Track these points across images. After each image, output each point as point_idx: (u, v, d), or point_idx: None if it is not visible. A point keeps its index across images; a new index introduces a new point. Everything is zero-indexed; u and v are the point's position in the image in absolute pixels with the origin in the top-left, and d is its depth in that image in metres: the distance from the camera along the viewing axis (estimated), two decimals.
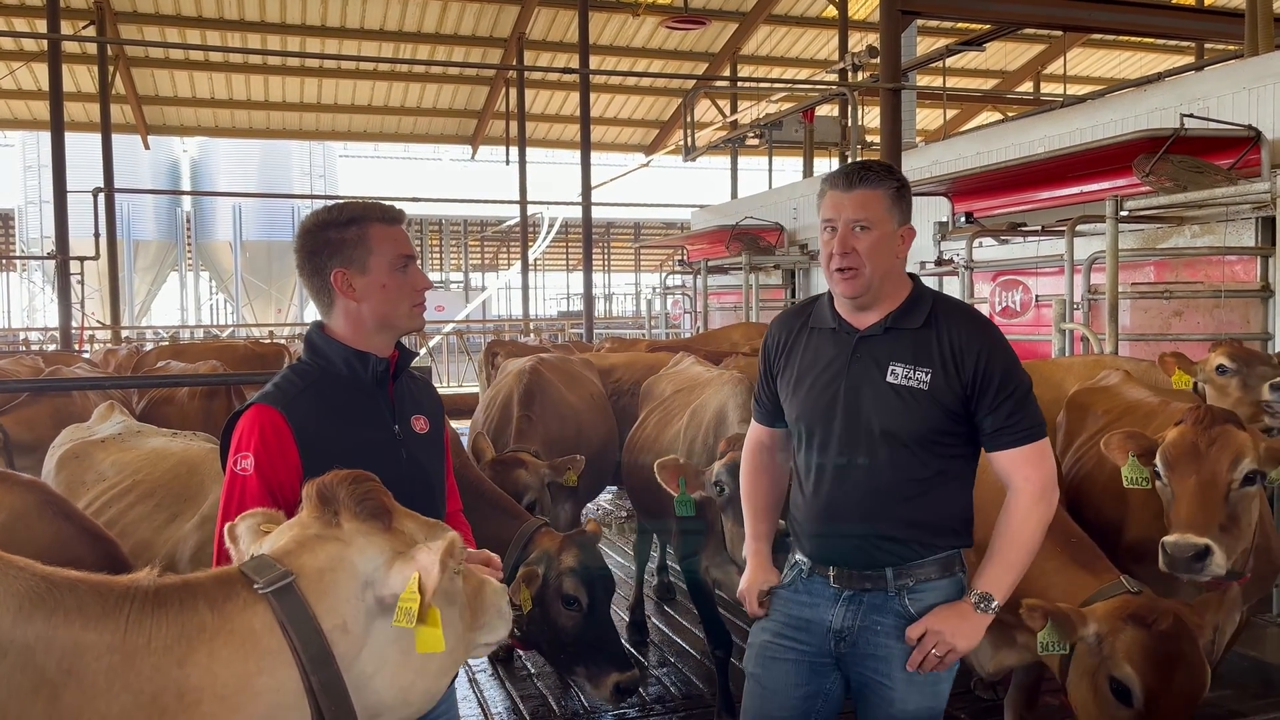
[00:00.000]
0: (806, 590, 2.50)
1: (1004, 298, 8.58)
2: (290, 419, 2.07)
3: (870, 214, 2.33)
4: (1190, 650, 2.54)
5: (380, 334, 2.19)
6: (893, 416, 2.34)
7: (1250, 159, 6.96)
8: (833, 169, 2.55)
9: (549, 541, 3.52)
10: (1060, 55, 19.85)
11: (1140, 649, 2.53)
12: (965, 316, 2.44)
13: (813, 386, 2.45)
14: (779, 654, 2.52)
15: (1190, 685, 2.53)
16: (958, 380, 2.33)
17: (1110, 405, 4.23)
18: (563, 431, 5.45)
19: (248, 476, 2.03)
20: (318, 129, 23.72)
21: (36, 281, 34.32)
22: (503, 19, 19.65)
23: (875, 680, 2.41)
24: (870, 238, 2.33)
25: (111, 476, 3.53)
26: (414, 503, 2.18)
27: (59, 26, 14.60)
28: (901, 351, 2.36)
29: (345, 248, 2.14)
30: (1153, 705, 2.51)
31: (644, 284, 37.66)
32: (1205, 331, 7.03)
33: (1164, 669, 2.51)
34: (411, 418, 2.25)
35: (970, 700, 4.63)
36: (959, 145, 11.07)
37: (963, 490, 2.45)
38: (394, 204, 2.25)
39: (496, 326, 26.91)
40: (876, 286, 2.37)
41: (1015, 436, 2.34)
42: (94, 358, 11.69)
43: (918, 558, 2.38)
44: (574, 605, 3.34)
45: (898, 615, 2.39)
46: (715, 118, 20.31)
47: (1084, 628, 2.60)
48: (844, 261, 2.34)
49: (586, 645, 3.33)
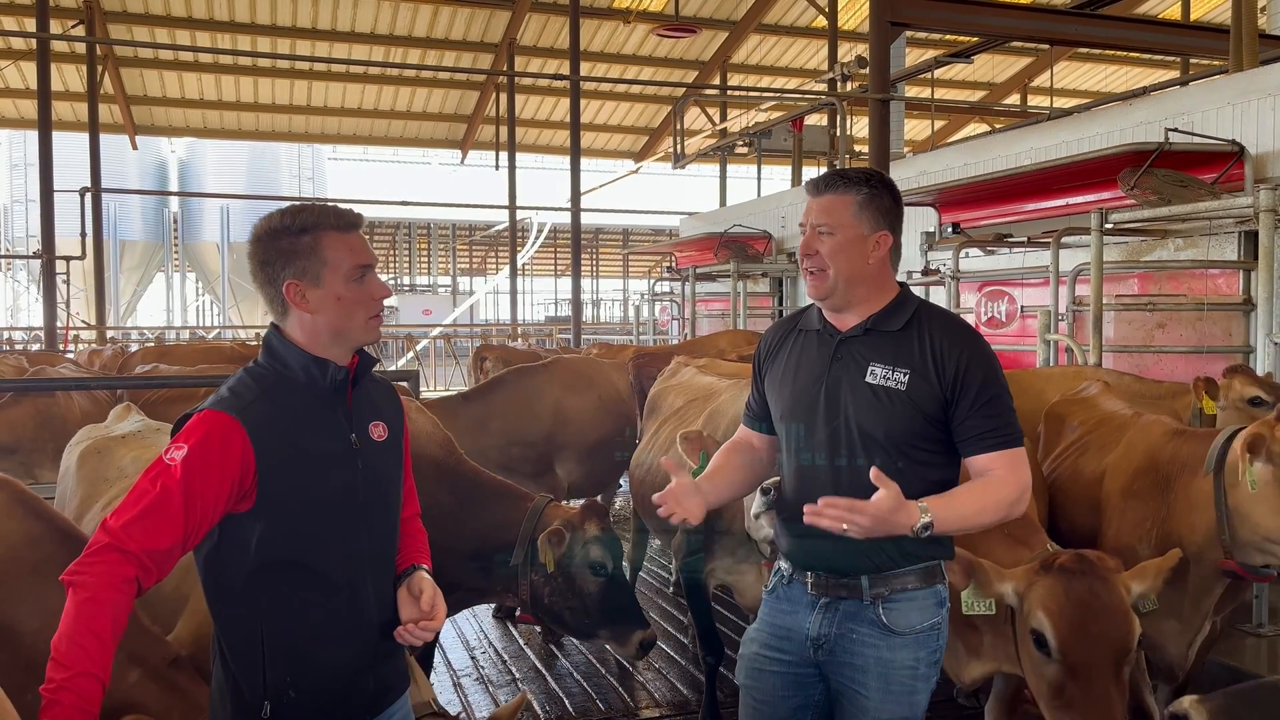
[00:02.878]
0: (787, 597, 2.51)
1: (990, 308, 8.64)
2: (246, 425, 2.00)
3: (834, 219, 2.38)
4: (1105, 593, 2.51)
5: (336, 345, 2.12)
6: (870, 416, 2.34)
7: (1234, 173, 7.03)
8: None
9: (564, 513, 3.64)
10: (1047, 68, 20.01)
11: (1050, 594, 2.54)
12: (948, 322, 2.45)
13: (795, 386, 2.48)
14: (766, 665, 2.52)
15: (1108, 629, 2.49)
16: (938, 384, 2.33)
17: (1085, 416, 4.26)
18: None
19: (173, 467, 1.94)
20: (307, 131, 23.68)
21: (22, 281, 34.13)
22: (494, 24, 19.67)
23: (851, 689, 2.41)
24: (833, 241, 2.37)
25: (132, 473, 3.47)
26: (369, 511, 2.16)
27: (48, 25, 14.55)
28: (881, 352, 2.38)
29: (298, 258, 2.05)
30: (1069, 651, 2.49)
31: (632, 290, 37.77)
32: (1188, 344, 7.09)
33: (1076, 612, 2.49)
34: (370, 425, 2.19)
35: (952, 708, 4.65)
36: (946, 156, 11.15)
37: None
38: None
39: (484, 331, 26.85)
40: (844, 289, 2.39)
41: (994, 441, 2.32)
42: (78, 358, 11.63)
43: (895, 566, 2.37)
44: (601, 571, 3.48)
45: (872, 625, 2.38)
46: (705, 125, 20.38)
47: (1001, 584, 2.63)
48: (807, 264, 2.42)
49: (612, 608, 3.50)
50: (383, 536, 2.22)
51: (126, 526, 1.91)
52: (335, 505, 2.10)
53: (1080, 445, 4.11)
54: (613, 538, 3.57)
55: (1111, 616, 2.50)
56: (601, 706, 4.82)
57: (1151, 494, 3.55)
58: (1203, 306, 6.91)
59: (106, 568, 1.89)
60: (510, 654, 5.55)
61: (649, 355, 8.85)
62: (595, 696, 4.94)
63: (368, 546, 2.15)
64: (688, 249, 15.26)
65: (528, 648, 5.62)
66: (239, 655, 2.07)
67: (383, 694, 2.22)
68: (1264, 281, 5.96)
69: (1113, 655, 2.48)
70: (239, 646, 2.07)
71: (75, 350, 15.38)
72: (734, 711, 2.75)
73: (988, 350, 2.41)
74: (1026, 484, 2.34)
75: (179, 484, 1.93)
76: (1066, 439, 4.23)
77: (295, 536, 2.06)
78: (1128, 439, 3.85)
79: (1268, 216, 5.82)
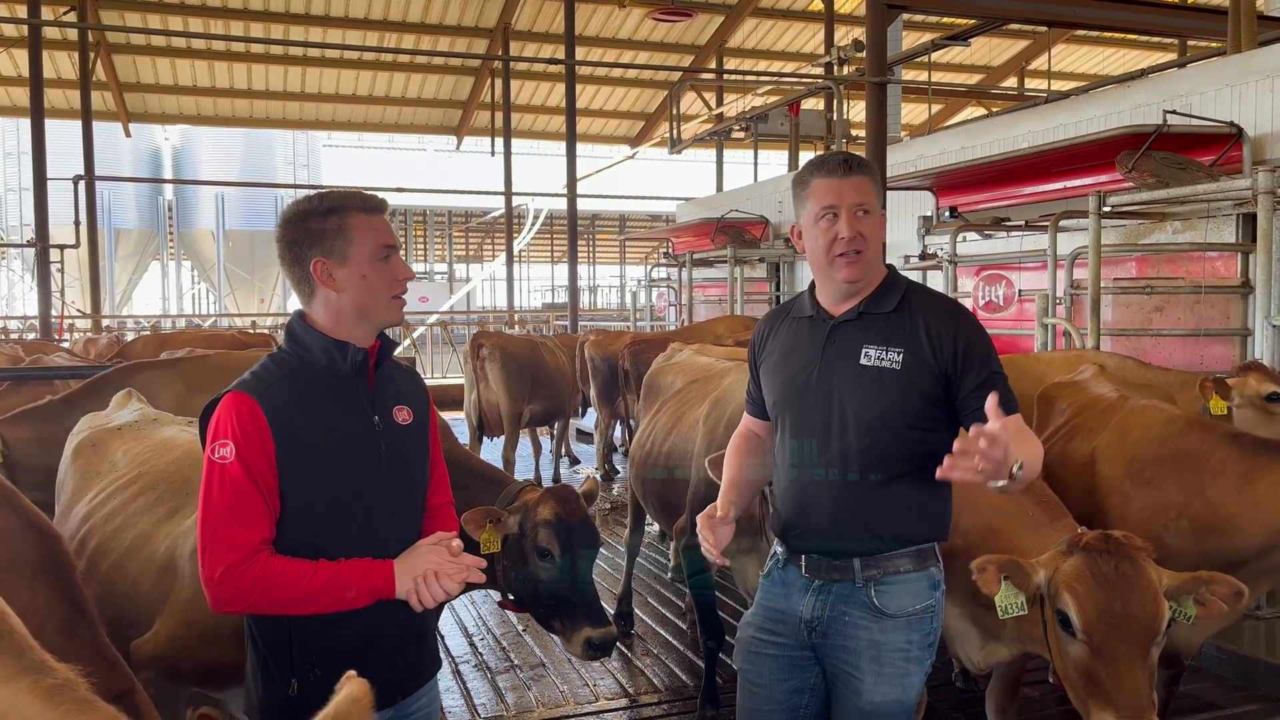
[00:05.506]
0: (781, 580, 2.53)
1: (987, 292, 8.63)
2: (266, 408, 2.04)
3: (868, 198, 2.40)
4: (1132, 572, 2.46)
5: (360, 324, 2.17)
6: (865, 398, 2.36)
7: (1232, 155, 7.01)
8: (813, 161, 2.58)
9: (530, 495, 3.51)
10: (1045, 51, 19.92)
11: (1076, 574, 2.49)
12: (938, 302, 2.49)
13: (789, 371, 2.50)
14: (762, 649, 2.54)
15: (1134, 608, 2.43)
16: (935, 363, 2.35)
17: (1073, 400, 4.27)
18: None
19: (228, 464, 2.00)
20: (301, 118, 23.55)
21: (16, 270, 33.99)
22: (489, 9, 19.55)
23: (844, 671, 2.43)
24: (872, 221, 2.41)
25: (122, 467, 3.47)
26: (393, 494, 2.19)
27: (40, 12, 14.44)
28: (875, 335, 2.40)
29: (326, 237, 2.11)
30: (1093, 630, 2.44)
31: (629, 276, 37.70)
32: (1186, 327, 7.09)
33: (1101, 591, 2.44)
34: (393, 408, 2.23)
35: (951, 692, 4.66)
36: (943, 140, 11.11)
37: (938, 481, 2.41)
38: (377, 194, 2.23)
39: (481, 318, 26.82)
40: (874, 268, 2.44)
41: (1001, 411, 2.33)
42: (73, 347, 11.59)
43: (887, 549, 2.39)
44: (548, 557, 3.30)
45: (864, 607, 2.40)
46: (701, 110, 20.29)
47: (1035, 575, 2.56)
48: (853, 245, 2.37)
49: (562, 599, 3.30)
50: (406, 519, 2.25)
51: (231, 537, 1.99)
52: (358, 486, 2.14)
53: (1069, 429, 4.10)
54: (569, 525, 3.36)
55: (1138, 596, 2.44)
56: (601, 692, 4.83)
57: (1170, 482, 3.49)
58: (1201, 289, 6.90)
59: (254, 566, 2.00)
60: (509, 641, 5.55)
61: (644, 342, 8.85)
62: (594, 683, 4.94)
63: (392, 529, 2.18)
64: (684, 234, 15.23)
65: (526, 634, 5.62)
66: (267, 635, 2.13)
67: (412, 676, 2.27)
68: (1262, 264, 5.94)
69: (1139, 635, 2.42)
70: (267, 626, 2.13)
71: (70, 339, 15.33)
72: (733, 696, 2.74)
73: (980, 326, 2.47)
74: (1037, 448, 2.33)
75: (241, 472, 2.01)
76: (1055, 421, 4.23)
77: (319, 518, 2.10)
78: (1117, 422, 3.84)
79: (1266, 199, 5.80)
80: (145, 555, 3.03)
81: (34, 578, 2.35)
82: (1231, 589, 2.48)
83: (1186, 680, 4.32)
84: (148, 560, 3.01)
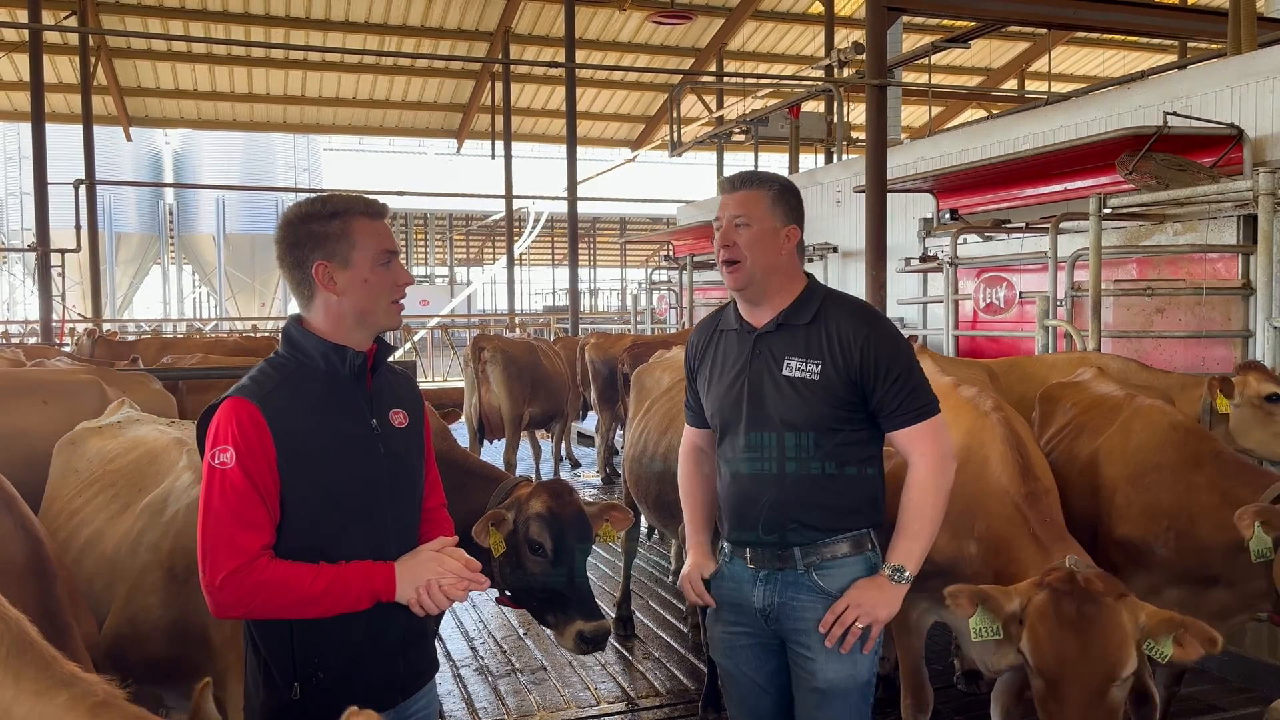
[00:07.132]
0: (731, 575, 2.65)
1: (988, 294, 8.61)
2: (265, 413, 2.04)
3: (749, 211, 2.52)
4: (1095, 613, 2.43)
5: (359, 329, 2.17)
6: (790, 407, 2.49)
7: (1232, 157, 7.00)
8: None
9: (523, 490, 3.51)
10: (1045, 53, 19.93)
11: (1038, 612, 2.49)
12: (851, 310, 2.57)
13: (722, 384, 2.63)
14: (734, 641, 2.66)
15: (1091, 652, 2.41)
16: (845, 370, 2.48)
17: (1078, 399, 4.26)
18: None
19: (229, 469, 2.00)
20: (302, 122, 23.58)
21: (17, 274, 34.02)
22: (489, 12, 19.57)
23: (798, 653, 2.55)
24: (750, 233, 2.51)
25: (94, 464, 3.49)
26: (393, 496, 2.21)
27: (40, 16, 14.45)
28: (795, 346, 2.53)
29: (328, 241, 2.12)
30: (1044, 670, 2.45)
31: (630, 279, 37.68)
32: (1187, 329, 7.08)
33: (1057, 632, 2.44)
34: (390, 412, 2.24)
35: (953, 694, 4.66)
36: (944, 142, 11.10)
37: (866, 472, 2.56)
38: (378, 198, 2.23)
39: (481, 321, 26.83)
40: (760, 280, 2.53)
41: (908, 416, 2.49)
42: (74, 351, 11.59)
43: (825, 538, 2.52)
44: (540, 551, 3.30)
45: (810, 590, 2.52)
46: (701, 113, 20.29)
47: (1009, 603, 2.56)
48: (726, 254, 2.53)
49: (554, 592, 3.30)
50: (406, 522, 2.26)
51: (232, 543, 1.98)
52: (358, 489, 2.15)
53: (1074, 427, 4.09)
54: (561, 519, 3.35)
55: (1098, 639, 2.42)
56: (602, 695, 4.82)
57: (1166, 493, 3.48)
58: (1201, 291, 6.89)
59: (255, 571, 1.99)
60: (510, 644, 5.54)
61: (645, 344, 8.85)
62: (595, 686, 4.93)
63: (392, 532, 2.19)
64: (685, 237, 15.22)
65: (527, 638, 5.61)
66: (269, 638, 2.13)
67: (413, 678, 2.28)
68: (1263, 265, 5.94)
69: (1093, 678, 2.41)
70: (268, 630, 2.12)
71: (71, 343, 15.33)
72: None
73: (890, 329, 2.58)
74: (945, 452, 2.53)
75: (241, 477, 2.00)
76: (1059, 420, 4.22)
77: (319, 521, 2.10)
78: (1123, 421, 3.83)
79: (1267, 200, 5.79)
80: (98, 553, 3.05)
81: (21, 582, 2.34)
82: (1205, 636, 2.44)
83: (1188, 682, 4.31)
84: (100, 558, 3.03)
